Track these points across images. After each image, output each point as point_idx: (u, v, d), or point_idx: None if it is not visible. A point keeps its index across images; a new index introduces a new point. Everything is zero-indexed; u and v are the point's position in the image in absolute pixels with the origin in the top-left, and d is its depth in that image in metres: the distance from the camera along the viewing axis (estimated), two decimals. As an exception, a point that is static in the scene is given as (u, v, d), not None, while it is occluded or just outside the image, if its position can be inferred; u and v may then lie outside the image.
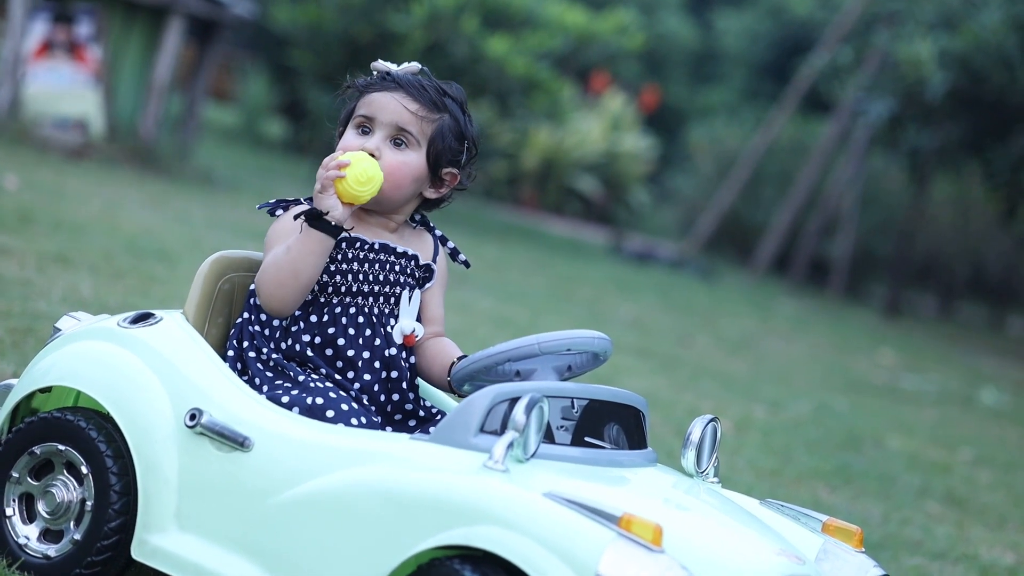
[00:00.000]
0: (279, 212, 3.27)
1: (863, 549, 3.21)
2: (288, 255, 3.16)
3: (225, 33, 14.27)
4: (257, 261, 3.40)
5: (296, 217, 3.19)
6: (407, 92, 3.30)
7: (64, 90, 13.19)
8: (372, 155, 3.25)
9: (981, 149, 18.19)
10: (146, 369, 3.17)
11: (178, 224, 10.07)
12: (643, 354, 9.29)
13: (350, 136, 3.31)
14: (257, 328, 3.25)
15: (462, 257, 3.46)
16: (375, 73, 3.36)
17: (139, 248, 8.34)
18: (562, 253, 15.66)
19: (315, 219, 3.16)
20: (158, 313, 3.29)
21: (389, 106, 3.29)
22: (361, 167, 3.20)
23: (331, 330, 3.22)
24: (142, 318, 3.27)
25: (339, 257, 3.25)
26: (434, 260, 3.41)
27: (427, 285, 3.40)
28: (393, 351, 3.30)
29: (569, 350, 3.18)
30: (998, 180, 18.46)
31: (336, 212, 3.17)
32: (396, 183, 3.29)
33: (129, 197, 10.99)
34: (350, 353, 3.24)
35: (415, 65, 3.36)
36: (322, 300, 3.23)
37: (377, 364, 3.27)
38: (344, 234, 3.22)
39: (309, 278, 3.17)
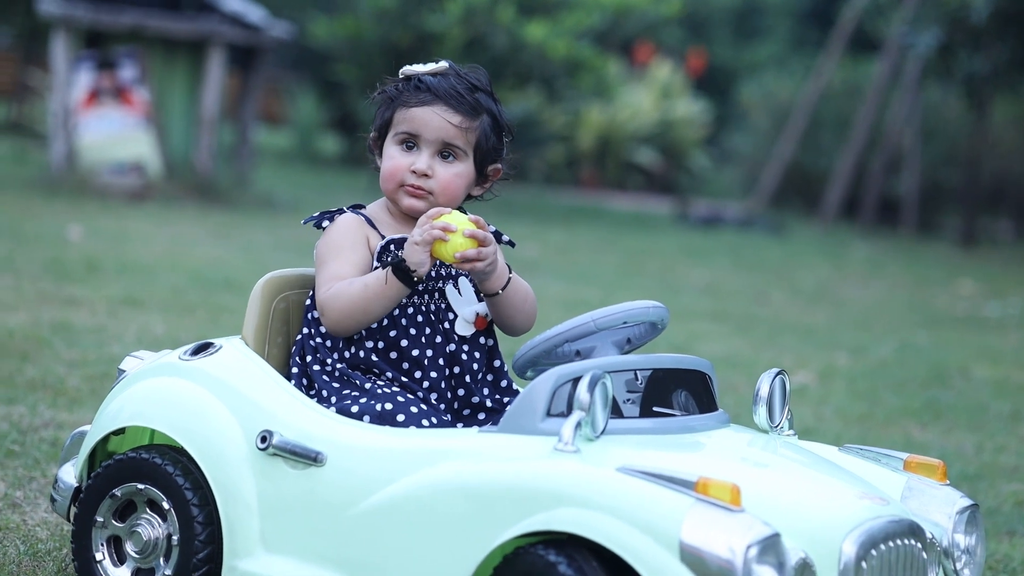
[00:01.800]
0: (325, 223, 3.28)
1: (947, 482, 3.18)
2: (363, 293, 3.16)
3: (266, 57, 14.36)
4: (309, 277, 3.42)
5: (383, 264, 3.17)
6: (447, 104, 3.30)
7: (117, 136, 13.34)
8: (427, 174, 3.25)
9: (1037, 66, 17.94)
10: (212, 398, 3.19)
11: (243, 252, 10.15)
12: (719, 318, 9.25)
13: (396, 152, 3.30)
14: (319, 340, 3.27)
15: (506, 238, 3.46)
16: (404, 78, 3.34)
17: (206, 280, 8.42)
18: (628, 228, 15.62)
19: (399, 270, 3.14)
20: (217, 341, 3.31)
21: (433, 122, 3.29)
22: (463, 240, 3.18)
23: (392, 333, 3.24)
24: (202, 348, 3.30)
25: (387, 258, 3.25)
26: None
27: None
28: (453, 346, 3.31)
29: (625, 323, 3.18)
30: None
31: (423, 269, 3.15)
32: (453, 196, 3.32)
33: (192, 232, 11.09)
34: (415, 353, 3.25)
35: (443, 64, 3.35)
36: None
37: (441, 361, 3.28)
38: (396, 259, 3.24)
39: (378, 316, 3.19)
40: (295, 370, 3.27)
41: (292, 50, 19.51)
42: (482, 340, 3.36)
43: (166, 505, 3.16)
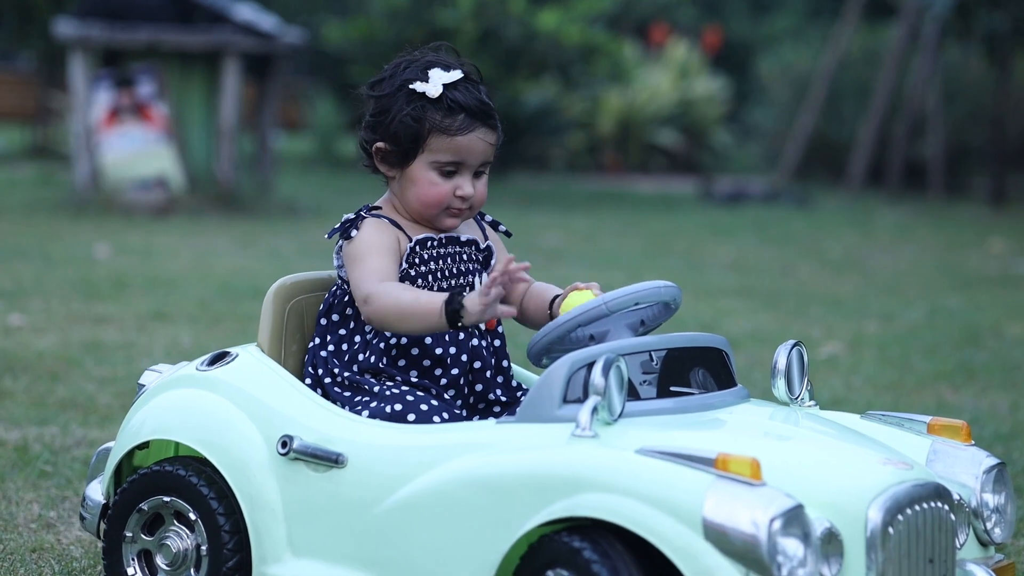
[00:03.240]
0: (353, 233, 3.25)
1: (972, 442, 3.17)
2: (412, 306, 3.11)
3: (281, 64, 14.39)
4: (322, 280, 3.43)
5: (447, 304, 3.09)
6: (485, 125, 3.27)
7: (139, 152, 13.40)
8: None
9: (1058, 19, 17.80)
10: (231, 407, 3.21)
11: (269, 260, 10.18)
12: (746, 293, 9.23)
13: (436, 179, 3.24)
14: (331, 350, 3.27)
15: (502, 228, 3.46)
16: (430, 94, 3.24)
17: (233, 291, 8.45)
18: (652, 209, 15.60)
19: (452, 311, 3.09)
20: (233, 350, 3.33)
21: (477, 148, 3.27)
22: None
23: None
24: (219, 358, 3.31)
25: (416, 260, 3.26)
26: (486, 237, 3.42)
27: (492, 264, 3.40)
28: (475, 341, 3.31)
29: (638, 304, 3.17)
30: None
31: (472, 320, 3.09)
32: (483, 203, 3.33)
33: (218, 243, 11.13)
34: (438, 351, 3.25)
35: (458, 73, 3.29)
36: None
37: (464, 357, 3.29)
38: (410, 242, 3.24)
39: (412, 332, 3.17)
40: (308, 381, 3.27)
41: (307, 55, 19.56)
42: (496, 342, 3.36)
43: (193, 516, 3.18)
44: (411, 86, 3.26)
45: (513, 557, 2.89)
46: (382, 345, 3.24)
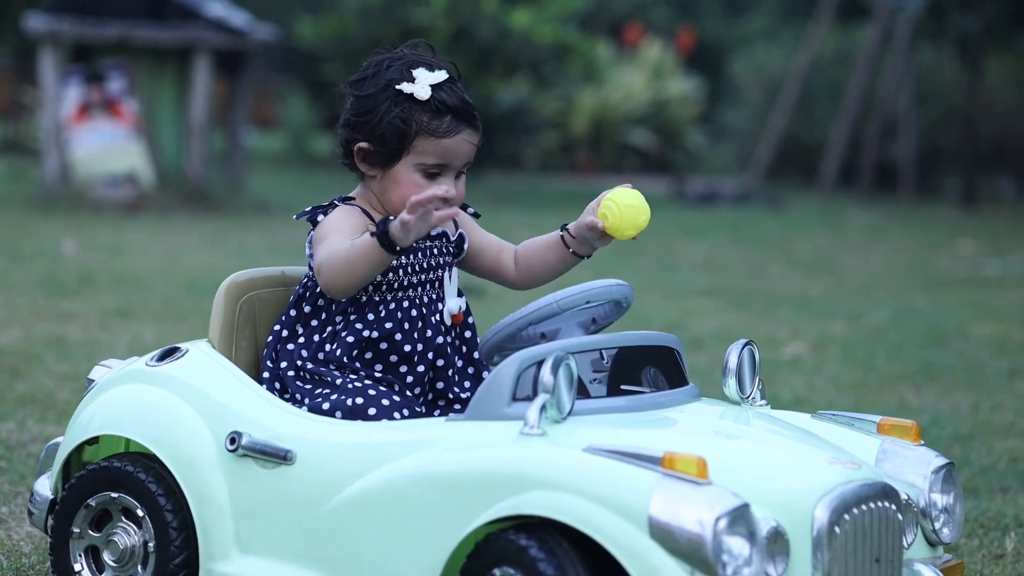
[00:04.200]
0: (320, 217, 3.24)
1: (922, 442, 3.17)
2: (350, 253, 3.11)
3: (253, 61, 14.36)
4: (273, 277, 3.42)
5: (373, 233, 3.10)
6: (470, 126, 3.26)
7: (108, 148, 13.35)
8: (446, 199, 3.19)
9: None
10: (180, 402, 3.19)
11: (238, 257, 10.15)
12: (715, 294, 9.24)
13: (420, 180, 3.22)
14: (300, 342, 3.26)
15: (471, 209, 3.44)
16: (419, 96, 3.21)
17: (200, 288, 8.42)
18: (625, 209, 15.57)
19: (384, 236, 3.08)
20: (183, 346, 3.31)
21: (462, 150, 3.25)
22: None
23: (388, 325, 3.22)
24: (168, 353, 3.29)
25: None
26: (456, 227, 3.40)
27: (462, 256, 3.38)
28: (441, 339, 3.30)
29: (589, 302, 3.16)
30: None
31: (404, 243, 3.08)
32: (460, 203, 3.31)
33: (187, 240, 11.10)
34: (407, 348, 3.24)
35: (443, 74, 3.26)
36: (376, 299, 3.23)
37: (430, 355, 3.27)
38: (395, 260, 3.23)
39: (363, 278, 3.15)
40: (266, 374, 3.26)
41: (279, 52, 19.51)
42: (467, 334, 3.35)
43: (140, 512, 3.16)
44: (397, 87, 3.22)
45: (460, 555, 2.88)
46: (351, 339, 3.22)
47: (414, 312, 3.25)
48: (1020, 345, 7.44)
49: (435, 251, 3.32)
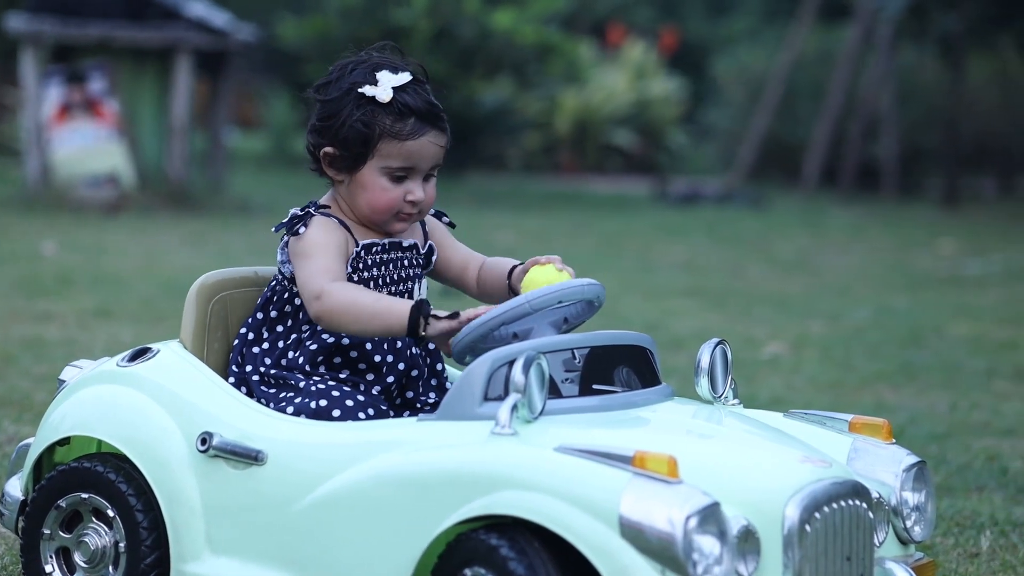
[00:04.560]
0: (301, 229, 3.20)
1: (893, 441, 3.17)
2: (374, 307, 3.08)
3: (234, 61, 14.33)
4: (245, 276, 3.41)
5: (414, 309, 3.06)
6: (436, 127, 3.23)
7: (89, 149, 13.32)
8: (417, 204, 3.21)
9: (1012, 20, 17.89)
10: (151, 403, 3.18)
11: (218, 258, 10.13)
12: (694, 293, 9.25)
13: (387, 184, 3.19)
14: (265, 347, 3.24)
15: (446, 219, 3.43)
16: (380, 99, 3.19)
17: (179, 289, 8.39)
18: (607, 210, 15.61)
19: (415, 325, 3.05)
20: (155, 346, 3.30)
21: (427, 152, 3.22)
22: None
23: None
24: (140, 354, 3.28)
25: (360, 266, 3.22)
26: (426, 238, 3.39)
27: (431, 267, 3.38)
28: (414, 349, 3.29)
29: (561, 302, 3.15)
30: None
31: (434, 334, 3.06)
32: (431, 206, 3.30)
33: (167, 241, 11.08)
34: (376, 359, 3.23)
35: (407, 76, 3.23)
36: None
37: (402, 366, 3.27)
38: (357, 248, 3.22)
39: (367, 333, 3.13)
40: (232, 380, 3.24)
41: (262, 53, 19.48)
42: (431, 344, 3.35)
43: (111, 513, 3.15)
44: (360, 90, 3.20)
45: (431, 555, 2.87)
46: (313, 347, 3.20)
47: None
48: (998, 344, 7.45)
49: (405, 263, 3.31)
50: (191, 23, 13.49)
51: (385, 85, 3.19)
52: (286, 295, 3.26)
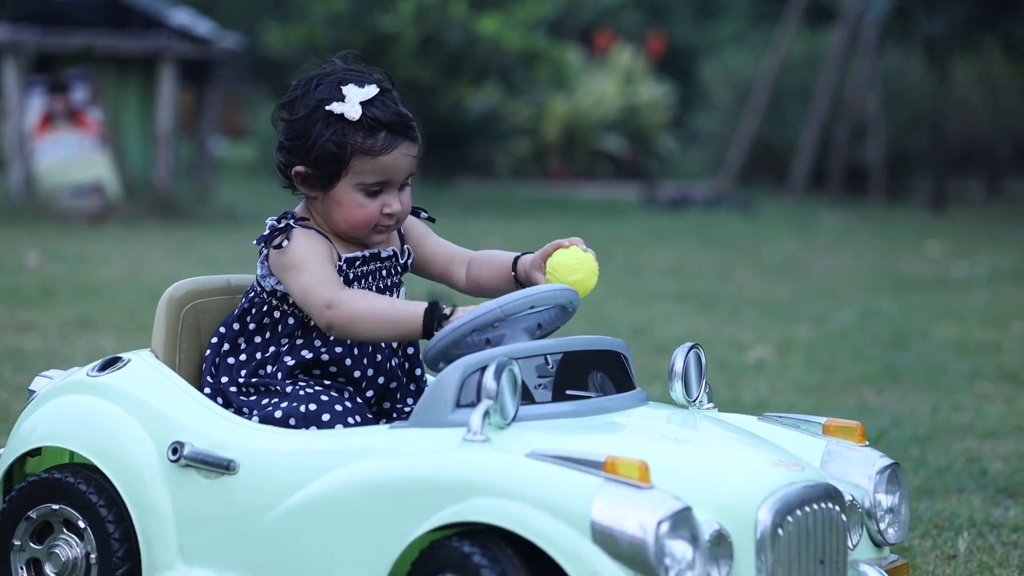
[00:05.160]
0: (284, 243, 3.16)
1: (867, 443, 3.16)
2: (389, 312, 3.06)
3: (218, 70, 14.32)
4: (217, 286, 3.39)
5: (428, 312, 3.06)
6: (407, 139, 3.19)
7: (73, 158, 13.30)
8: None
9: (997, 23, 17.91)
10: (121, 413, 3.16)
11: (203, 267, 10.10)
12: (681, 298, 9.24)
13: (362, 200, 3.16)
14: (242, 359, 3.21)
15: (424, 214, 3.39)
16: (349, 116, 3.14)
17: (163, 297, 8.37)
18: (595, 215, 15.61)
19: (431, 321, 3.04)
20: (125, 355, 3.28)
21: (401, 164, 3.18)
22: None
23: (339, 349, 3.19)
24: (110, 363, 3.26)
25: (343, 280, 3.20)
26: (402, 242, 3.36)
27: (409, 264, 3.35)
28: (394, 361, 3.27)
29: (533, 307, 3.13)
30: (1021, 51, 18.20)
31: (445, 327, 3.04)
32: (407, 214, 3.27)
33: (152, 251, 11.05)
34: (356, 374, 3.20)
35: (373, 88, 3.18)
36: None
37: (381, 380, 3.25)
38: (342, 263, 3.20)
39: (381, 338, 3.12)
40: (208, 390, 3.21)
41: (248, 61, 19.48)
42: (410, 351, 3.33)
43: (82, 524, 3.13)
44: (328, 108, 3.14)
45: (405, 563, 2.86)
46: (291, 362, 3.17)
47: None
48: (982, 346, 7.45)
49: (384, 272, 3.28)
50: (174, 31, 13.48)
51: (353, 101, 3.14)
52: (265, 308, 3.23)
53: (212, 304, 3.37)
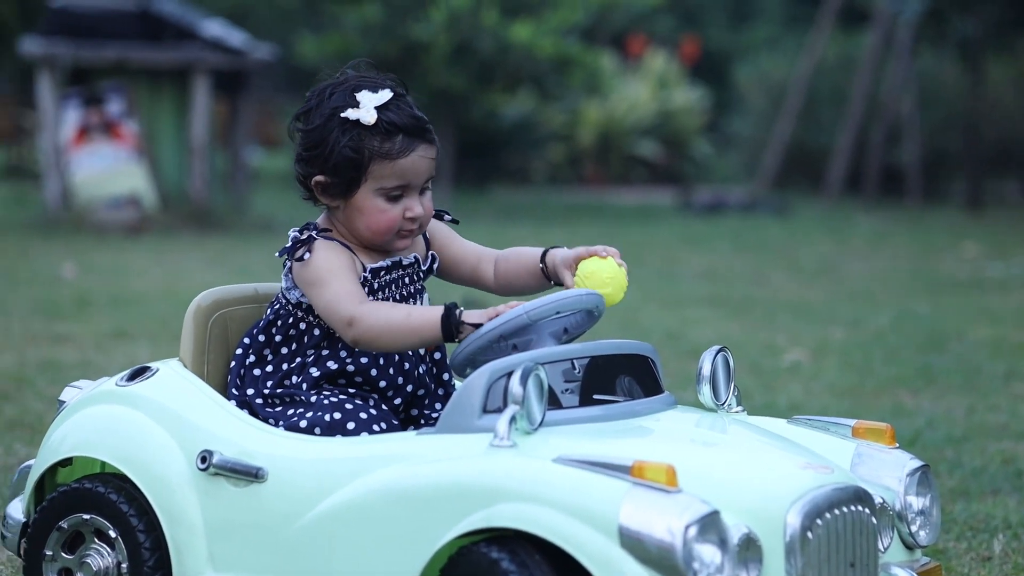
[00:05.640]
0: (307, 255, 3.17)
1: (897, 445, 3.14)
2: (406, 323, 3.07)
3: (252, 80, 14.37)
4: (244, 293, 3.40)
5: (454, 320, 3.06)
6: (424, 141, 3.18)
7: (109, 170, 13.37)
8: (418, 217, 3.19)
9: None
10: (150, 422, 3.17)
11: (238, 276, 10.13)
12: (715, 303, 9.21)
13: (384, 205, 3.15)
14: (269, 370, 3.22)
15: (448, 216, 3.39)
16: (365, 121, 3.14)
17: (197, 307, 8.39)
18: (630, 220, 15.58)
19: (450, 323, 3.05)
20: (154, 365, 3.30)
21: (420, 167, 3.17)
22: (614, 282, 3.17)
23: (364, 360, 3.20)
24: (139, 373, 3.28)
25: (367, 290, 3.20)
26: (428, 250, 3.36)
27: (434, 272, 3.35)
28: (421, 368, 3.27)
29: (559, 313, 3.13)
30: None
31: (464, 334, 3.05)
32: (431, 218, 3.25)
33: (188, 261, 11.10)
34: (382, 384, 3.20)
35: (387, 93, 3.17)
36: None
37: (410, 387, 3.25)
38: (366, 274, 3.20)
39: (400, 348, 3.13)
40: (234, 402, 3.21)
41: (283, 71, 19.53)
42: (437, 355, 3.33)
43: (113, 534, 3.14)
44: (343, 114, 3.14)
45: (433, 569, 2.85)
46: (316, 373, 3.17)
47: None
48: (1017, 347, 7.39)
49: (406, 280, 3.28)
50: (207, 43, 13.53)
51: (368, 106, 3.14)
52: (290, 320, 3.23)
53: (240, 313, 3.37)
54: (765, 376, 6.55)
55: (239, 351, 3.25)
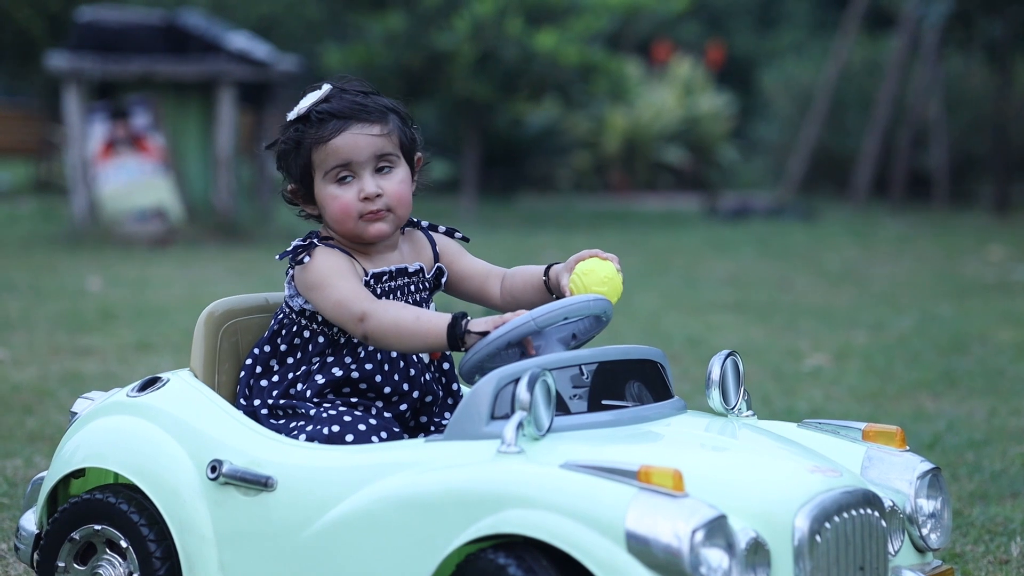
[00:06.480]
0: (306, 259, 3.20)
1: (907, 448, 3.13)
2: (414, 325, 3.08)
3: (278, 92, 14.41)
4: (255, 303, 3.41)
5: (450, 327, 3.07)
6: (359, 120, 3.20)
7: (136, 184, 13.42)
8: (378, 194, 3.20)
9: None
10: (160, 433, 3.19)
11: (263, 287, 10.13)
12: (739, 308, 9.19)
13: (336, 191, 3.20)
14: (275, 380, 3.23)
15: (458, 234, 3.41)
16: (298, 117, 3.23)
17: (221, 318, 8.42)
18: (655, 227, 15.56)
19: (455, 332, 3.06)
20: (165, 375, 3.31)
21: (359, 143, 3.20)
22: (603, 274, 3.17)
23: (368, 366, 3.20)
24: (149, 384, 3.29)
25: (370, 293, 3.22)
26: (436, 259, 3.37)
27: (440, 288, 3.37)
28: (428, 376, 3.28)
29: (567, 319, 3.13)
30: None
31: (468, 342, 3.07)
32: (406, 203, 3.25)
33: (213, 273, 11.13)
34: (387, 390, 3.21)
35: (326, 87, 3.26)
36: (355, 340, 3.21)
37: (416, 394, 3.26)
38: (368, 277, 3.21)
39: (407, 349, 3.14)
40: (241, 413, 3.23)
41: (307, 82, 19.57)
42: (445, 366, 3.34)
43: (124, 544, 3.16)
44: (288, 118, 3.27)
45: (443, 575, 2.86)
46: (321, 380, 3.19)
47: (394, 353, 3.22)
48: (1044, 349, 7.36)
49: (412, 288, 3.29)
50: (232, 56, 13.58)
51: (304, 103, 3.23)
52: (294, 328, 3.25)
53: (251, 322, 3.39)
54: (786, 381, 6.53)
55: (248, 362, 3.27)
